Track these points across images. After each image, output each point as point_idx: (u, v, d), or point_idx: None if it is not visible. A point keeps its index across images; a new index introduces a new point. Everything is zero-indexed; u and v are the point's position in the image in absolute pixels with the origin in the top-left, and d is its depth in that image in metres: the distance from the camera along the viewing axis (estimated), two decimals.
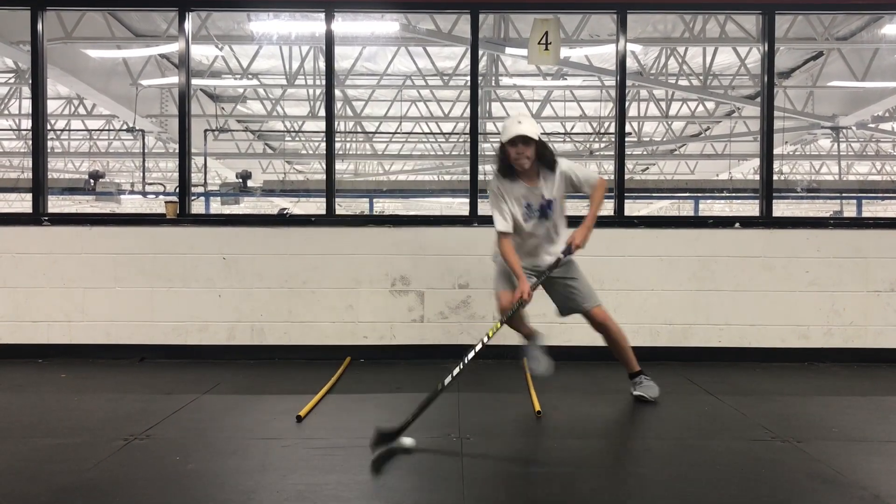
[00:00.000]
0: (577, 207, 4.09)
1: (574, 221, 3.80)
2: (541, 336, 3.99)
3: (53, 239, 4.94)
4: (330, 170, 5.16)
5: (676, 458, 2.95)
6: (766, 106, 5.17)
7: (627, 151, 5.25)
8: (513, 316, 3.66)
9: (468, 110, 5.24)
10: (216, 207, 13.06)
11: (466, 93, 11.40)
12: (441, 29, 8.68)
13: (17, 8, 5.36)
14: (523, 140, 3.49)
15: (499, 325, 3.57)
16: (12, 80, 12.37)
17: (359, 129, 15.60)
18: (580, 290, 3.77)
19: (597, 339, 4.84)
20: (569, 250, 3.67)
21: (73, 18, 8.54)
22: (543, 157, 3.60)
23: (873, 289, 4.89)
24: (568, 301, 3.81)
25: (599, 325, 3.78)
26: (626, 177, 5.19)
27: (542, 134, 3.60)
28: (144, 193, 15.06)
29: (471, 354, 3.39)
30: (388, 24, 7.96)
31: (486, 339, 3.45)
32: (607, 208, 4.99)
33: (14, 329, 4.91)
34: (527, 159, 3.54)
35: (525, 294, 3.53)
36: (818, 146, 15.98)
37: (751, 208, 14.70)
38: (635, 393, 3.81)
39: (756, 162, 10.47)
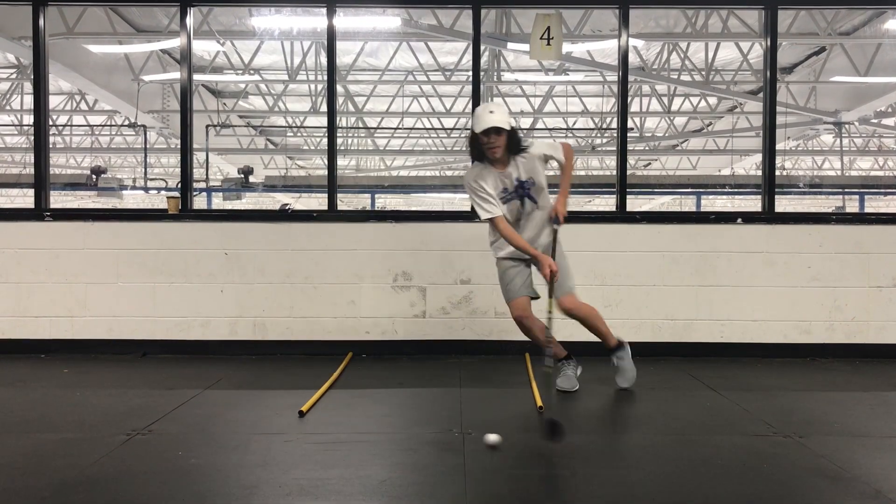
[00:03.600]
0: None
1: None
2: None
3: (55, 234, 4.94)
4: (332, 165, 5.16)
5: (678, 454, 2.95)
6: (769, 101, 5.16)
7: (629, 147, 5.25)
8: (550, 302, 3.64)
9: (470, 106, 5.23)
10: (218, 203, 13.05)
11: (468, 88, 11.40)
12: (443, 24, 8.66)
13: (18, 3, 5.36)
14: (495, 131, 3.54)
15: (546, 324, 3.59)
16: (14, 76, 12.37)
17: (360, 125, 15.58)
18: (565, 270, 3.77)
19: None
20: (556, 221, 3.74)
21: (75, 14, 8.53)
22: (514, 144, 3.64)
23: (875, 284, 4.88)
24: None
25: (568, 311, 3.78)
26: (628, 172, 5.18)
27: (511, 121, 3.63)
28: (146, 189, 15.06)
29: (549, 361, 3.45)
30: (389, 19, 7.94)
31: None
32: (609, 204, 4.99)
33: (16, 324, 4.92)
34: (498, 148, 3.59)
35: (553, 266, 3.57)
36: (820, 142, 15.94)
37: (753, 204, 14.65)
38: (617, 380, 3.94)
39: (758, 157, 10.42)
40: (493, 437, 2.89)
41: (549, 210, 3.80)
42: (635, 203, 16.40)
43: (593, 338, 3.96)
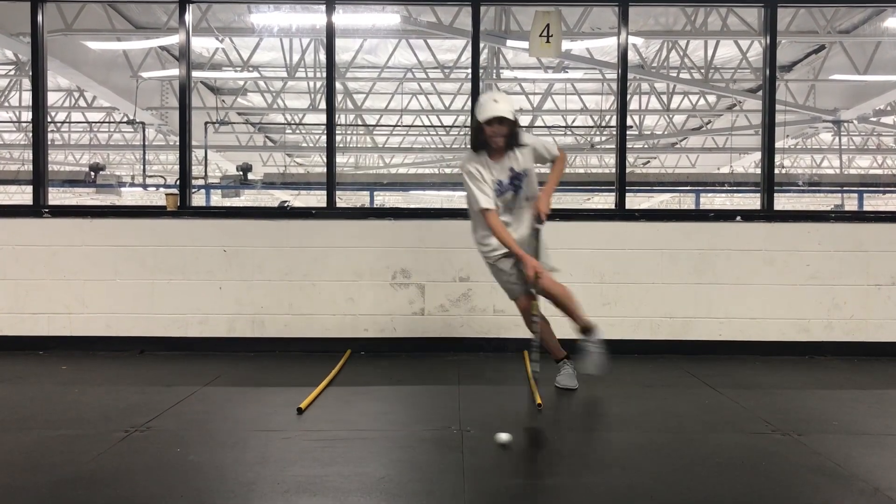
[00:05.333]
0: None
1: None
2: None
3: (54, 231, 4.94)
4: (330, 162, 5.16)
5: (677, 451, 2.95)
6: (768, 99, 5.16)
7: (628, 145, 5.25)
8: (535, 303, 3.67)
9: (469, 103, 5.22)
10: (217, 200, 13.05)
11: (467, 86, 11.37)
12: (442, 21, 8.65)
13: (17, 0, 5.35)
14: (499, 120, 3.54)
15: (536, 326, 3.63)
16: (13, 72, 12.34)
17: (359, 122, 15.57)
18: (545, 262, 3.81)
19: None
20: (539, 219, 3.75)
21: (74, 10, 8.52)
22: (514, 136, 3.66)
23: (874, 282, 4.88)
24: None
25: (546, 290, 3.78)
26: (627, 170, 5.18)
27: (515, 111, 3.63)
28: (145, 186, 15.05)
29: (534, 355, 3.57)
30: (388, 16, 7.93)
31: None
32: (608, 201, 4.99)
33: (14, 321, 4.92)
34: (502, 137, 3.60)
35: (539, 269, 3.59)
36: (819, 140, 15.94)
37: (752, 202, 14.67)
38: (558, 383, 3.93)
39: (757, 155, 10.42)
40: (504, 436, 2.88)
41: (533, 206, 3.80)
42: (634, 201, 16.42)
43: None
